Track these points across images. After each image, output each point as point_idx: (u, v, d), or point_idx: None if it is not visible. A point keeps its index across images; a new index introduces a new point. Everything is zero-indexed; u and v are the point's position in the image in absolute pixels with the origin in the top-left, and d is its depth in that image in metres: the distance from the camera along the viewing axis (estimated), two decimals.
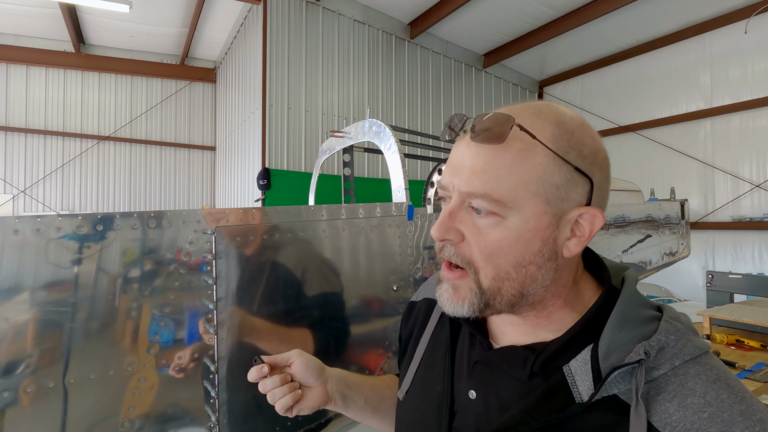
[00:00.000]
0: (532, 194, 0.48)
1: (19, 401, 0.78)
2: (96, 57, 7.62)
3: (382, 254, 1.37)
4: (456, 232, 0.51)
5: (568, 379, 0.49)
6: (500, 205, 0.48)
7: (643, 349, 0.45)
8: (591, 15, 6.12)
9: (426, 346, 0.70)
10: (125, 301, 0.89)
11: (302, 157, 5.74)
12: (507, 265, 0.50)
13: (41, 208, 7.34)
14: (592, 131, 0.51)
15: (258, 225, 1.08)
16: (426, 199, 1.93)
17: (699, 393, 0.44)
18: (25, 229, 0.80)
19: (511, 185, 0.47)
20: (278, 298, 1.10)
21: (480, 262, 0.50)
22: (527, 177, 0.47)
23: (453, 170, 0.51)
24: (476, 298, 0.52)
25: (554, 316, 0.54)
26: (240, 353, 1.03)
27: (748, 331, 2.87)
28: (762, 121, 6.14)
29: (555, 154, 0.47)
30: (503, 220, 0.49)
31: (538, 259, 0.50)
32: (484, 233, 0.50)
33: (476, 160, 0.49)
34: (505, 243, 0.49)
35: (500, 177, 0.47)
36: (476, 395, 0.57)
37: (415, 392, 0.69)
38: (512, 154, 0.47)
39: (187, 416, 0.97)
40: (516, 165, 0.47)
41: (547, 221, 0.49)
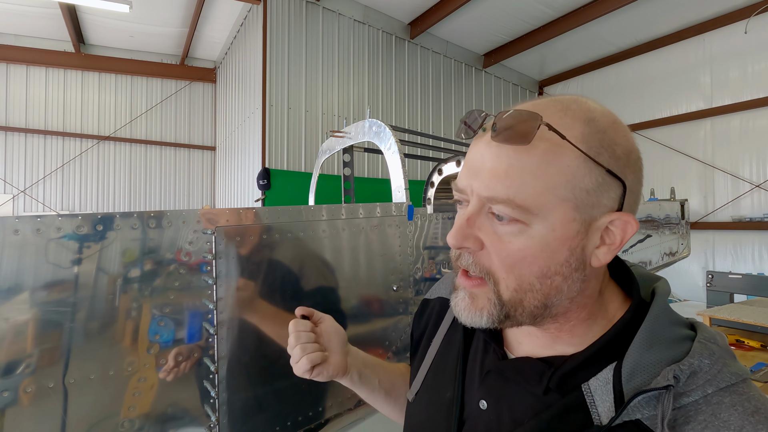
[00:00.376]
0: (560, 200, 0.43)
1: (19, 401, 0.78)
2: (96, 57, 7.62)
3: (382, 254, 1.37)
4: (474, 239, 0.47)
5: (587, 399, 0.45)
6: (525, 211, 0.43)
7: (672, 373, 0.41)
8: (591, 15, 6.12)
9: (438, 348, 0.68)
10: (125, 301, 0.89)
11: (302, 157, 5.74)
12: (530, 275, 0.45)
13: (41, 208, 7.34)
14: (625, 129, 0.47)
15: (258, 225, 1.08)
16: (426, 199, 1.93)
17: (734, 426, 0.39)
18: (25, 229, 0.80)
19: (537, 190, 0.43)
20: (278, 298, 1.10)
21: (501, 272, 0.46)
22: (555, 181, 0.43)
23: (471, 172, 0.47)
24: (495, 309, 0.47)
25: (577, 329, 0.50)
26: (240, 353, 1.03)
27: (748, 331, 2.87)
28: (762, 121, 6.14)
29: (586, 155, 0.43)
30: (527, 228, 0.44)
31: (565, 270, 0.45)
32: (505, 242, 0.45)
33: (498, 161, 0.44)
34: (529, 252, 0.44)
35: (525, 181, 0.43)
36: (487, 406, 0.53)
37: (425, 395, 0.66)
38: (538, 155, 0.43)
39: (187, 416, 0.97)
40: (543, 168, 0.43)
41: (576, 229, 0.44)
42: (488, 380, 0.55)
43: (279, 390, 1.09)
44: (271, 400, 1.07)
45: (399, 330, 1.47)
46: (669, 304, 0.49)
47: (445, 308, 0.71)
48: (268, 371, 1.08)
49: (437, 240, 1.66)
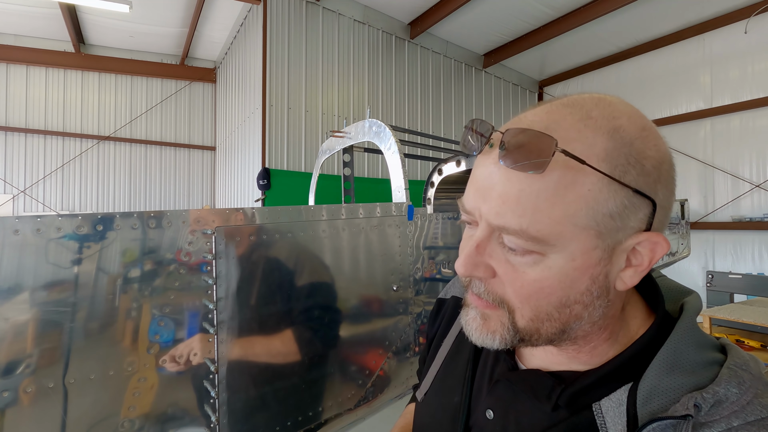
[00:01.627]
0: (581, 229, 0.38)
1: (19, 401, 0.78)
2: (96, 57, 7.62)
3: (382, 254, 1.37)
4: (486, 267, 0.43)
5: (597, 419, 0.42)
6: (540, 243, 0.39)
7: (693, 401, 0.37)
8: (591, 15, 6.12)
9: (449, 350, 0.65)
10: (125, 301, 0.89)
11: (302, 157, 5.74)
12: (548, 306, 0.42)
13: (41, 208, 7.34)
14: (656, 134, 0.41)
15: (258, 225, 1.08)
16: (426, 199, 1.93)
17: None
18: (25, 229, 0.80)
19: (554, 219, 0.38)
20: (278, 298, 1.10)
21: (515, 302, 0.42)
22: (574, 209, 0.37)
23: (479, 193, 0.42)
24: (509, 334, 0.44)
25: (597, 350, 0.46)
26: (240, 353, 1.03)
27: (748, 331, 2.87)
28: (762, 121, 6.14)
29: (610, 177, 0.37)
30: (544, 258, 0.40)
31: (586, 299, 0.41)
32: (520, 272, 0.41)
33: (508, 186, 0.39)
34: (546, 284, 0.40)
35: (539, 209, 0.38)
36: (494, 416, 0.51)
37: (433, 396, 0.65)
38: (555, 180, 0.37)
39: (187, 416, 0.97)
40: (560, 194, 0.37)
41: (598, 256, 0.39)
42: (496, 390, 0.53)
43: (279, 390, 1.09)
44: (271, 400, 1.07)
45: (399, 330, 1.47)
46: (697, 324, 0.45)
47: (458, 309, 0.67)
48: (268, 371, 1.08)
49: (437, 240, 1.66)
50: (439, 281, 1.68)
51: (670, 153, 0.43)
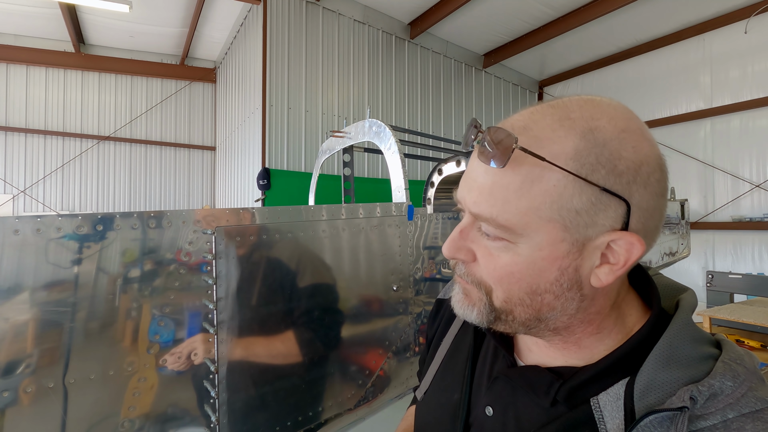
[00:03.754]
0: (546, 220, 0.41)
1: (19, 401, 0.78)
2: (96, 57, 7.62)
3: (382, 254, 1.37)
4: (467, 251, 0.47)
5: (595, 414, 0.43)
6: (508, 231, 0.42)
7: (689, 393, 0.38)
8: (591, 15, 6.12)
9: (448, 348, 0.67)
10: (125, 301, 0.89)
11: (302, 157, 5.74)
12: (519, 291, 0.45)
13: (41, 208, 7.34)
14: (638, 137, 0.42)
15: (258, 225, 1.08)
16: (426, 199, 1.93)
17: None
18: (25, 229, 0.80)
19: (521, 210, 0.41)
20: (278, 298, 1.10)
21: (490, 284, 0.46)
22: (539, 202, 0.40)
23: (465, 184, 0.47)
24: (486, 310, 0.47)
25: (584, 342, 0.48)
26: (240, 353, 1.03)
27: (748, 331, 2.87)
28: (762, 121, 6.14)
29: (575, 175, 0.39)
30: (513, 245, 0.43)
31: (555, 289, 0.43)
32: (494, 256, 0.45)
33: (484, 178, 0.43)
34: (515, 269, 0.44)
35: (508, 200, 0.41)
36: (493, 413, 0.52)
37: (433, 395, 0.65)
38: (522, 174, 0.41)
39: (187, 416, 0.97)
40: (526, 187, 0.41)
41: (566, 249, 0.42)
42: (496, 387, 0.54)
43: (279, 390, 1.09)
44: (271, 400, 1.07)
45: (399, 330, 1.47)
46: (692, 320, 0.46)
47: None
48: (268, 371, 1.08)
49: (437, 240, 1.66)
50: (439, 281, 1.68)
51: (656, 156, 0.43)
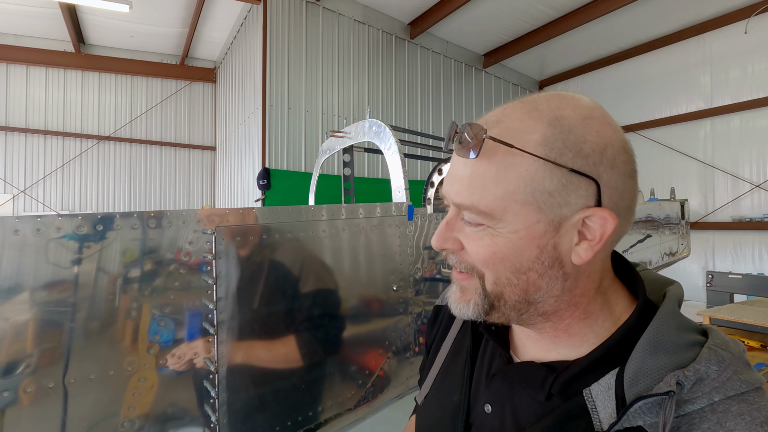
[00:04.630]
0: (521, 204, 0.44)
1: (19, 401, 0.78)
2: (96, 57, 7.62)
3: (382, 254, 1.37)
4: (453, 240, 0.50)
5: (588, 404, 0.44)
6: (487, 216, 0.46)
7: (675, 379, 0.40)
8: (591, 15, 6.12)
9: (448, 352, 0.68)
10: (125, 301, 0.89)
11: (302, 157, 5.74)
12: (505, 271, 0.47)
13: (41, 208, 7.34)
14: (601, 123, 0.45)
15: (258, 225, 1.08)
16: (426, 199, 1.93)
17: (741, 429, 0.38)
18: (25, 229, 0.80)
19: (497, 196, 0.45)
20: (278, 298, 1.10)
21: (482, 267, 0.49)
22: (513, 186, 0.44)
23: (449, 180, 0.50)
24: (480, 299, 0.49)
25: (574, 329, 0.50)
26: (240, 353, 1.03)
27: (748, 331, 2.87)
28: (762, 121, 6.14)
29: (545, 159, 0.43)
30: (493, 229, 0.47)
31: (538, 267, 0.46)
32: (477, 240, 0.48)
33: (463, 170, 0.47)
34: (498, 250, 0.47)
35: (486, 188, 0.45)
36: (492, 410, 0.54)
37: (433, 398, 0.67)
38: (497, 163, 0.45)
39: (187, 416, 0.97)
40: (501, 174, 0.45)
41: (543, 229, 0.45)
42: (493, 384, 0.55)
43: (279, 390, 1.09)
44: (271, 400, 1.07)
45: (399, 330, 1.47)
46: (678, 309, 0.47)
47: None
48: (268, 371, 1.08)
49: None
50: (439, 281, 1.68)
51: (620, 140, 0.46)
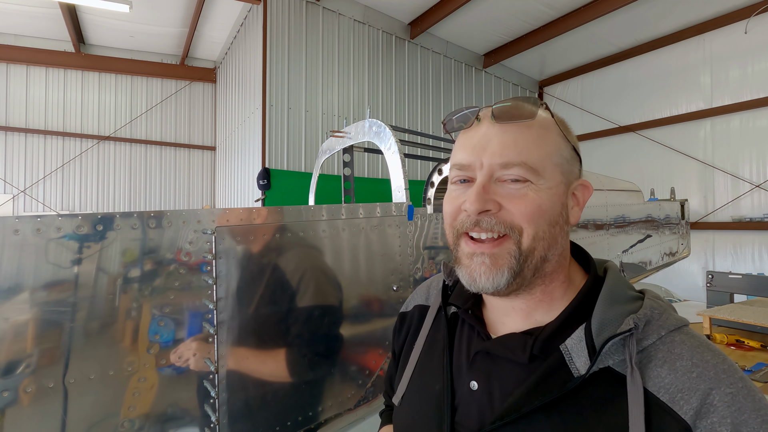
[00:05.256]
0: (554, 165, 0.56)
1: (19, 401, 0.78)
2: (96, 57, 7.62)
3: (382, 254, 1.37)
4: (493, 202, 0.55)
5: (566, 357, 0.52)
6: (534, 172, 0.54)
7: (632, 320, 0.50)
8: (591, 15, 6.11)
9: (421, 350, 0.71)
10: (125, 301, 0.89)
11: (302, 157, 5.74)
12: (544, 224, 0.55)
13: (41, 208, 7.34)
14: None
15: (258, 225, 1.08)
16: (426, 199, 1.93)
17: (686, 357, 0.49)
18: (25, 229, 0.80)
19: (540, 156, 0.55)
20: (278, 298, 1.10)
21: (523, 223, 0.54)
22: (550, 149, 0.56)
23: (477, 149, 0.56)
24: (514, 260, 0.54)
25: (556, 292, 0.59)
26: (240, 353, 1.03)
27: (748, 331, 2.87)
28: (762, 121, 6.14)
29: (563, 133, 0.58)
30: (535, 186, 0.55)
31: (561, 220, 0.57)
32: (522, 196, 0.54)
33: (505, 137, 0.55)
34: (542, 203, 0.54)
35: (531, 149, 0.55)
36: (478, 386, 0.58)
37: (412, 394, 0.69)
38: (535, 130, 0.56)
39: (187, 416, 0.97)
40: (541, 139, 0.56)
41: (563, 189, 0.57)
42: (476, 361, 0.60)
43: (279, 390, 1.09)
44: (271, 400, 1.07)
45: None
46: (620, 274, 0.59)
47: (424, 315, 0.75)
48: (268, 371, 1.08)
49: (437, 240, 1.66)
50: None
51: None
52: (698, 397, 0.46)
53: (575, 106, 8.55)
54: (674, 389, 0.47)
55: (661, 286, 6.46)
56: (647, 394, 0.47)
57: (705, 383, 0.46)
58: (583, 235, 2.30)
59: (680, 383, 0.47)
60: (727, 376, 0.47)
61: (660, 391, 0.47)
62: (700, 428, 0.45)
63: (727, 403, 0.45)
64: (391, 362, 0.83)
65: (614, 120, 7.84)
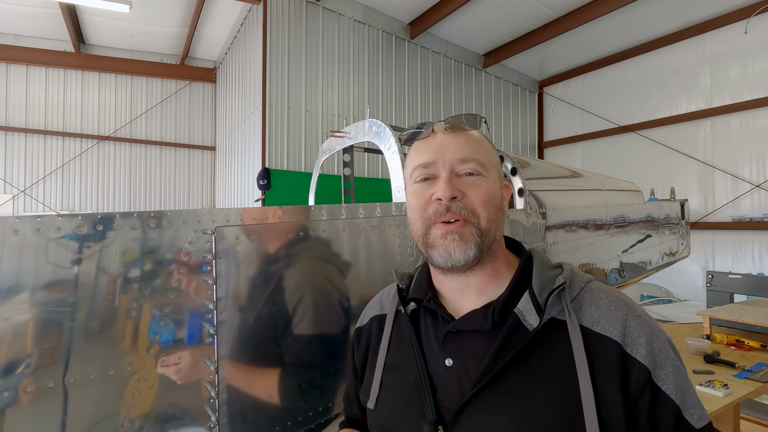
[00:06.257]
0: (493, 164, 0.73)
1: (19, 401, 0.78)
2: (96, 57, 7.62)
3: (382, 254, 1.37)
4: (458, 191, 0.68)
5: (520, 317, 0.64)
6: (484, 167, 0.70)
7: (561, 279, 0.65)
8: (591, 15, 6.12)
9: (387, 351, 0.77)
10: (125, 301, 0.89)
11: (302, 157, 5.74)
12: (493, 208, 0.70)
13: (41, 208, 7.34)
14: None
15: (258, 225, 1.08)
16: None
17: (604, 297, 0.65)
18: (25, 229, 0.80)
19: (485, 156, 0.71)
20: (278, 298, 1.10)
21: (480, 208, 0.68)
22: (489, 153, 0.73)
23: (438, 151, 0.71)
24: (478, 237, 0.67)
25: (501, 268, 0.72)
26: (240, 353, 1.03)
27: (748, 331, 2.87)
28: (762, 121, 6.14)
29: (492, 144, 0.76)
30: (485, 178, 0.70)
31: (502, 206, 0.73)
32: (478, 186, 0.69)
33: (458, 140, 0.71)
34: (491, 192, 0.70)
35: (479, 150, 0.71)
36: (453, 362, 0.66)
37: (388, 392, 0.73)
38: (478, 138, 0.74)
39: (187, 416, 0.96)
40: (482, 144, 0.73)
41: (499, 184, 0.73)
42: (448, 341, 0.69)
43: (279, 390, 1.09)
44: (271, 400, 1.07)
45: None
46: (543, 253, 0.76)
47: (383, 323, 0.82)
48: (269, 371, 1.08)
49: None
50: None
51: None
52: (620, 322, 0.62)
53: (575, 106, 8.55)
54: (603, 321, 0.62)
55: (661, 286, 6.46)
56: (584, 329, 0.62)
57: (621, 312, 0.63)
58: (583, 235, 2.31)
59: (605, 316, 0.63)
60: (632, 306, 0.64)
61: (593, 324, 0.62)
62: (627, 343, 0.60)
63: (638, 322, 0.62)
64: (351, 378, 0.89)
65: (614, 120, 7.84)
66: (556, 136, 9.00)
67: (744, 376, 2.17)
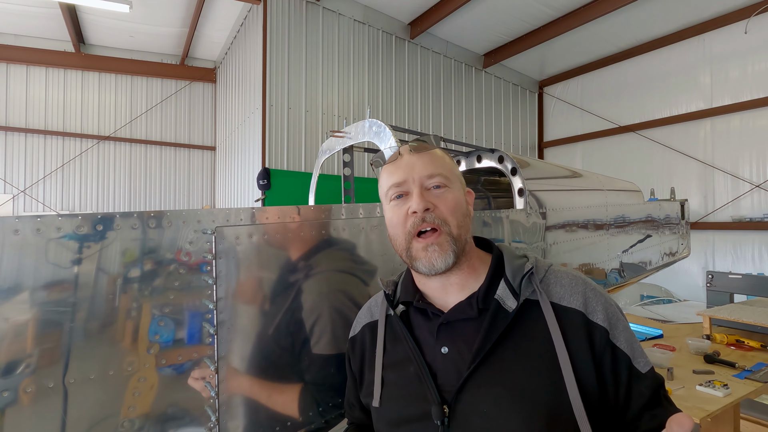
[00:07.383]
0: (455, 176, 0.84)
1: (19, 401, 0.78)
2: (96, 57, 7.62)
3: (382, 254, 1.37)
4: (429, 203, 0.78)
5: (500, 302, 0.75)
6: (448, 179, 0.81)
7: (529, 265, 0.78)
8: (591, 15, 6.12)
9: (384, 352, 0.84)
10: (125, 301, 0.89)
11: (302, 157, 5.74)
12: (461, 215, 0.80)
13: (41, 208, 7.34)
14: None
15: (258, 225, 1.08)
16: None
17: (565, 276, 0.78)
18: (25, 229, 0.80)
19: (447, 169, 0.82)
20: (278, 298, 1.10)
21: (450, 217, 0.78)
22: (451, 166, 0.84)
23: (407, 170, 0.81)
24: (454, 245, 0.77)
25: (475, 264, 0.83)
26: (240, 353, 1.03)
27: (748, 331, 2.87)
28: (762, 121, 6.14)
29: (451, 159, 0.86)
30: (451, 189, 0.81)
31: (469, 211, 0.84)
32: (445, 198, 0.80)
33: (424, 159, 0.82)
34: (457, 201, 0.80)
35: (442, 165, 0.82)
36: (448, 349, 0.75)
37: (391, 388, 0.80)
38: (440, 155, 0.85)
39: (187, 416, 0.96)
40: (444, 160, 0.84)
41: (463, 192, 0.84)
42: (440, 333, 0.77)
43: (280, 390, 1.09)
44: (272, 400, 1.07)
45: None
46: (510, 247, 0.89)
47: (375, 329, 0.89)
48: (269, 371, 1.08)
49: None
50: None
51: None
52: (581, 295, 0.75)
53: (575, 106, 8.55)
54: (567, 295, 0.75)
55: (661, 287, 6.46)
56: (554, 305, 0.74)
57: (580, 286, 0.76)
58: (583, 235, 2.30)
59: (569, 291, 0.75)
60: (588, 281, 0.78)
61: (561, 299, 0.75)
62: (589, 311, 0.73)
63: (594, 294, 0.75)
64: (350, 384, 0.97)
65: (614, 120, 7.84)
66: (556, 136, 9.00)
67: (744, 376, 2.17)
